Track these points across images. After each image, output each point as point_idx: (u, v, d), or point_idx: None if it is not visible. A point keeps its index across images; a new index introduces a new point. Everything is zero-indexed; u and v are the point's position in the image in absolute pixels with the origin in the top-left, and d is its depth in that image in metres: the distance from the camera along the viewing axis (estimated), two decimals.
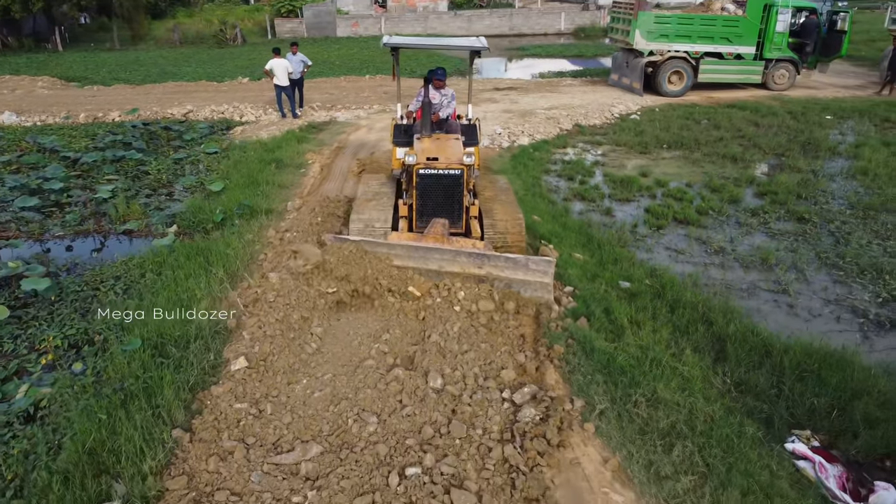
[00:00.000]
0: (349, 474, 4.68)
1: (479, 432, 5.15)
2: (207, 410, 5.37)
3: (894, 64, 19.81)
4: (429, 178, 7.71)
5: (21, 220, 10.30)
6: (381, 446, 4.95)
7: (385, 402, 5.47)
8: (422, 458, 4.83)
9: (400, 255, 7.05)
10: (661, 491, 4.60)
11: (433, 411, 5.36)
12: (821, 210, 10.72)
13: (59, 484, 4.55)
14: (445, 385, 5.67)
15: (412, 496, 4.48)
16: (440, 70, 9.29)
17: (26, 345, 6.77)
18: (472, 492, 4.52)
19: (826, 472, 5.05)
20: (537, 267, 6.86)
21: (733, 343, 6.62)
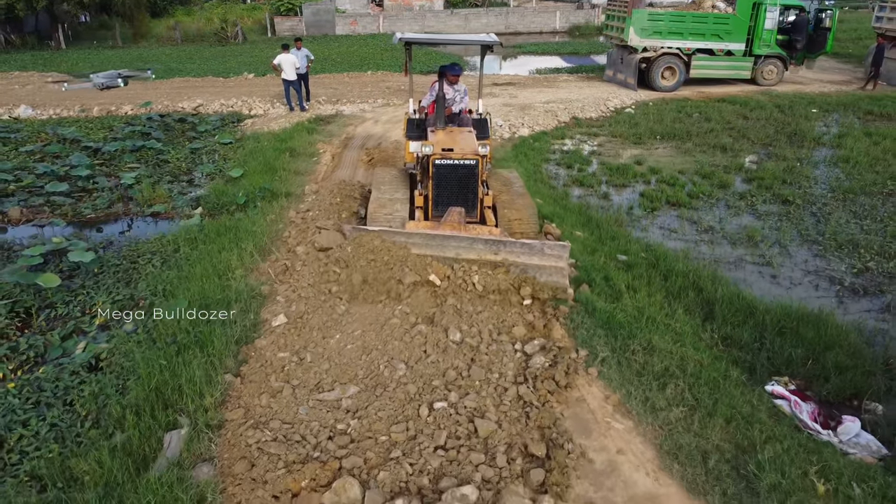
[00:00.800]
0: (384, 407, 5.36)
1: (496, 376, 5.83)
2: (254, 359, 6.05)
3: (878, 60, 20.59)
4: (445, 168, 7.90)
5: (53, 204, 10.93)
6: (410, 386, 5.63)
7: (411, 351, 6.15)
8: (447, 396, 5.51)
9: (418, 243, 7.17)
10: (656, 420, 5.29)
11: (454, 359, 6.04)
12: (804, 193, 11.46)
13: (132, 414, 5.22)
14: (464, 338, 6.35)
15: (440, 424, 5.17)
16: (455, 66, 9.42)
17: (78, 309, 7.43)
18: (492, 420, 5.21)
19: (800, 408, 5.77)
20: (552, 252, 6.98)
21: (720, 305, 7.34)
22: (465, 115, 9.71)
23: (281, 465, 4.71)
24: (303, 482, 4.55)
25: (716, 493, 4.53)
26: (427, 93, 9.81)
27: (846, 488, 4.53)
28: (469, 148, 8.08)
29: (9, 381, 6.03)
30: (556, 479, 4.63)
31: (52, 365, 6.30)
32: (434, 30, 39.72)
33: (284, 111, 17.76)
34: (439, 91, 8.91)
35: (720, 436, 5.08)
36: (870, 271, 8.59)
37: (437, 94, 8.92)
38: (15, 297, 7.52)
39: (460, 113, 9.63)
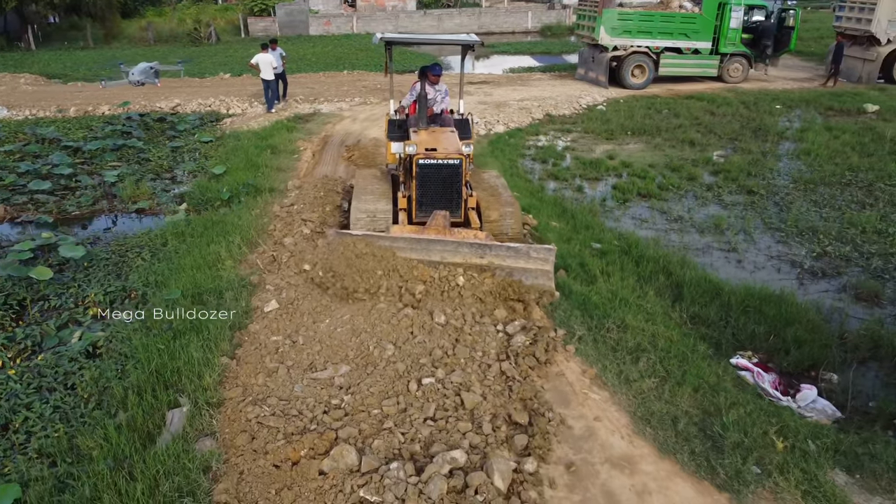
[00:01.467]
0: (376, 384, 5.68)
1: (480, 354, 6.18)
2: (248, 343, 6.33)
3: (837, 58, 21.35)
4: (428, 167, 7.80)
5: (37, 202, 11.05)
6: (399, 365, 5.95)
7: (399, 333, 6.47)
8: (434, 372, 5.84)
9: (402, 247, 7.07)
10: (629, 390, 5.68)
11: (440, 339, 6.37)
12: (768, 185, 12.00)
13: (134, 395, 5.48)
14: (448, 321, 6.68)
15: (429, 397, 5.50)
16: (436, 66, 9.39)
17: (71, 300, 7.62)
18: (477, 393, 5.55)
19: (762, 378, 6.21)
20: (538, 255, 6.94)
21: (689, 287, 7.78)
22: (447, 115, 9.63)
23: (280, 437, 5.00)
24: (302, 451, 4.84)
25: (685, 452, 4.92)
26: (408, 93, 9.71)
27: (802, 444, 4.95)
28: (452, 147, 8.03)
29: (9, 369, 6.23)
30: (539, 443, 4.98)
31: (51, 353, 6.51)
32: (408, 30, 39.97)
33: (262, 110, 17.93)
34: (421, 91, 8.88)
35: (688, 403, 5.48)
36: (828, 255, 9.10)
37: (419, 93, 8.90)
38: (8, 291, 7.69)
39: (441, 113, 9.58)
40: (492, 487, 4.50)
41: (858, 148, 14.03)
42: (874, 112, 17.62)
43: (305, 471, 4.65)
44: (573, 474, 4.76)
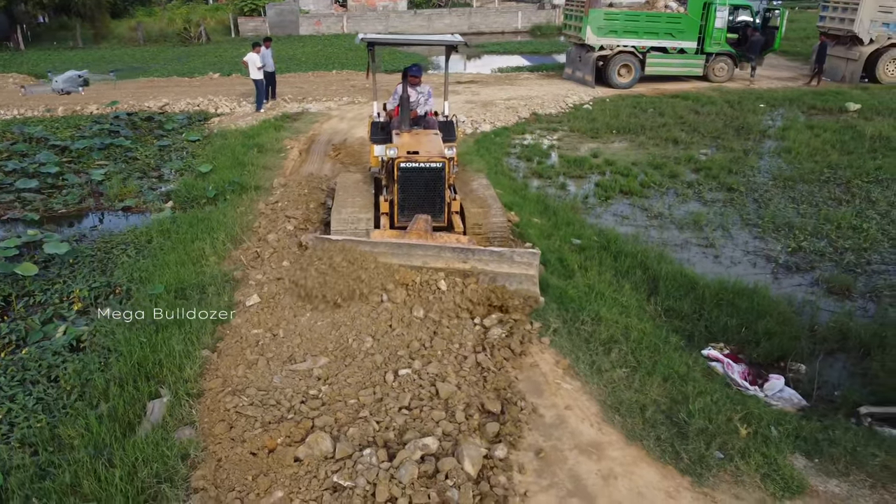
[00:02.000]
0: (353, 375, 5.80)
1: (457, 346, 6.31)
2: (229, 336, 6.45)
3: (821, 58, 21.60)
4: (410, 171, 7.71)
5: (23, 200, 11.12)
6: (377, 356, 6.08)
7: (377, 326, 6.58)
8: (411, 364, 5.97)
9: (384, 252, 6.93)
10: (601, 380, 5.83)
11: (418, 332, 6.49)
12: (748, 182, 12.19)
13: (116, 386, 5.59)
14: (427, 314, 6.80)
15: (405, 388, 5.63)
16: (415, 67, 9.27)
17: (56, 296, 7.72)
18: (452, 384, 5.68)
19: (732, 369, 6.37)
20: (522, 259, 6.80)
21: (664, 281, 7.94)
22: (431, 117, 9.54)
23: (258, 426, 5.12)
24: (278, 439, 4.97)
25: (651, 438, 5.07)
26: (391, 95, 9.62)
27: (765, 430, 5.10)
28: (435, 150, 7.93)
29: None
30: (510, 430, 5.13)
31: (35, 347, 6.61)
32: (398, 30, 40.08)
33: (251, 109, 18.01)
34: (403, 93, 8.75)
35: (657, 392, 5.63)
36: (803, 250, 9.28)
37: (402, 95, 8.77)
38: None
39: (426, 115, 9.48)
40: (462, 472, 4.63)
41: (839, 146, 14.25)
42: (855, 111, 17.85)
43: (281, 457, 4.77)
44: (542, 460, 4.90)
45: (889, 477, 4.65)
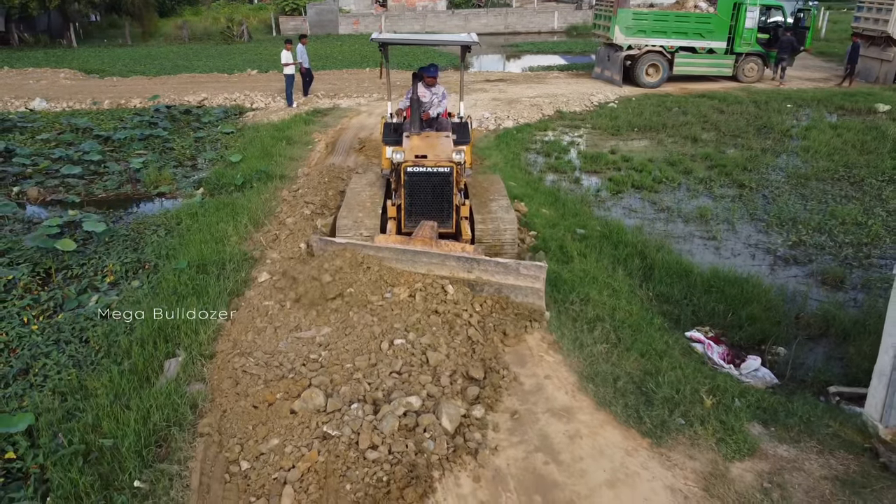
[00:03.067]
0: (352, 343, 6.30)
1: (452, 322, 6.76)
2: (243, 307, 7.02)
3: (853, 58, 21.42)
4: (417, 176, 7.59)
5: (67, 185, 11.94)
6: (375, 328, 6.55)
7: (380, 306, 7.07)
8: (406, 336, 6.44)
9: (388, 257, 6.91)
10: (581, 354, 6.22)
11: (417, 312, 6.96)
12: (760, 179, 12.36)
13: (138, 346, 6.20)
14: (427, 304, 7.24)
15: (398, 355, 6.11)
16: (432, 67, 9.14)
17: (92, 270, 8.41)
18: (442, 353, 6.14)
19: (712, 349, 6.69)
20: (528, 272, 6.64)
21: (659, 269, 8.27)
22: (445, 118, 9.36)
23: (260, 383, 5.66)
24: (278, 394, 5.50)
25: (619, 405, 5.46)
26: (404, 96, 9.50)
27: (728, 401, 5.44)
28: (444, 154, 7.74)
29: (33, 325, 7.01)
30: (489, 394, 5.57)
31: (70, 312, 7.28)
32: (435, 29, 40.66)
33: (285, 105, 18.73)
34: (413, 94, 8.63)
35: (632, 365, 6.01)
36: (803, 244, 9.49)
37: (412, 96, 8.63)
38: (36, 260, 8.51)
39: (438, 117, 9.30)
40: (440, 428, 5.10)
41: (859, 146, 14.27)
42: (885, 112, 17.73)
43: (279, 410, 5.30)
44: (516, 421, 5.33)
45: (837, 444, 4.96)
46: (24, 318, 7.13)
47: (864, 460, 4.80)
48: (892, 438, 4.92)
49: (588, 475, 4.74)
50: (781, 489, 4.53)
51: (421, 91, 9.00)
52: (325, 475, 4.72)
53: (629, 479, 4.69)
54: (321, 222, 8.98)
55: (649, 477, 4.72)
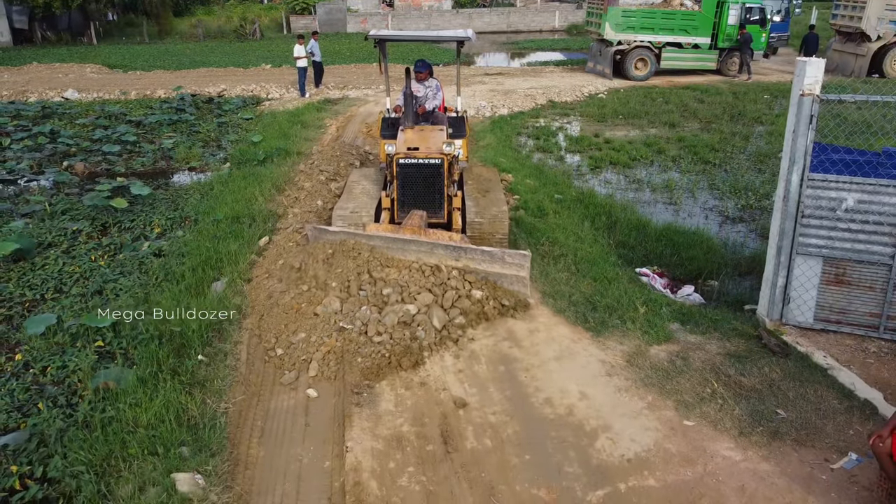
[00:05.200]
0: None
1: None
2: (272, 246, 8.55)
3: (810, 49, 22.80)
4: (409, 167, 7.81)
5: (109, 161, 13.52)
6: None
7: None
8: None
9: (378, 245, 7.14)
10: (546, 280, 7.70)
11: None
12: (725, 157, 13.83)
13: (190, 272, 7.73)
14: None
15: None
16: (419, 63, 9.51)
17: (141, 224, 9.95)
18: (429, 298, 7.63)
19: (656, 281, 8.17)
20: (513, 260, 6.86)
21: (621, 223, 9.75)
22: (440, 112, 9.60)
23: (288, 297, 7.18)
24: (302, 304, 7.01)
25: (570, 311, 6.94)
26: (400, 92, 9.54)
27: (657, 309, 6.93)
28: (435, 146, 8.01)
29: (99, 261, 8.56)
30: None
31: (128, 252, 8.82)
32: (439, 27, 42.18)
33: (298, 95, 20.29)
34: (406, 88, 8.79)
35: (586, 287, 7.50)
36: (751, 207, 10.95)
37: (405, 91, 8.82)
38: (94, 216, 10.07)
39: (434, 111, 9.57)
40: (430, 324, 6.59)
41: (822, 131, 15.65)
42: (854, 102, 19.08)
43: (304, 313, 6.81)
44: (489, 322, 6.82)
45: (734, 335, 6.43)
46: (91, 257, 8.67)
47: (751, 343, 6.28)
48: (773, 328, 6.40)
49: (541, 353, 6.24)
50: (684, 360, 6.01)
51: (414, 86, 9.36)
52: (342, 354, 6.23)
53: (571, 356, 6.19)
54: (334, 185, 10.51)
55: (587, 354, 6.22)
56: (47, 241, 9.16)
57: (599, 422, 5.27)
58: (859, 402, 5.32)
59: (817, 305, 6.26)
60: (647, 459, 4.83)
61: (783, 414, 5.22)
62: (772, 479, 4.59)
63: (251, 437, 5.22)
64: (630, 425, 5.21)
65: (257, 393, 5.77)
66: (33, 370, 6.17)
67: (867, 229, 5.88)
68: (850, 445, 4.84)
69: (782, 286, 6.35)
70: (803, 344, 6.14)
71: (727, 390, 5.53)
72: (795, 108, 6.03)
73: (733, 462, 4.78)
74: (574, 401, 5.55)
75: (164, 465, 4.70)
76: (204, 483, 4.59)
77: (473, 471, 4.79)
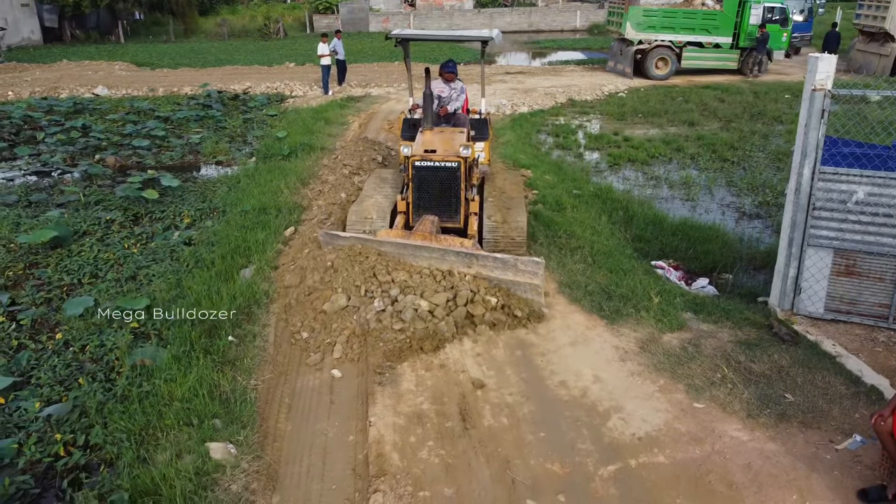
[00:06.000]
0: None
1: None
2: (297, 236, 8.85)
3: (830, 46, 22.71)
4: (425, 170, 7.65)
5: (139, 154, 13.93)
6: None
7: None
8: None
9: (390, 252, 7.01)
10: (563, 270, 7.91)
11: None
12: (743, 155, 13.92)
13: (219, 259, 8.05)
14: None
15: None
16: (450, 62, 9.40)
17: (171, 214, 10.31)
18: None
19: (671, 273, 8.35)
20: (526, 268, 6.64)
21: (638, 218, 9.92)
22: (462, 114, 9.49)
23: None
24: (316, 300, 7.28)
25: (586, 301, 7.15)
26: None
27: (671, 299, 7.11)
28: (452, 149, 7.80)
29: (132, 249, 8.91)
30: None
31: (160, 240, 9.17)
32: (460, 27, 42.41)
33: (321, 92, 20.64)
34: (426, 89, 8.54)
35: (601, 278, 7.70)
36: (768, 204, 11.07)
37: (424, 92, 8.58)
38: (126, 206, 10.44)
39: (456, 112, 9.46)
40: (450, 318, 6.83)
41: (841, 130, 15.67)
42: (876, 101, 19.05)
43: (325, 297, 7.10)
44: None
45: (746, 324, 6.60)
46: (125, 245, 9.03)
47: (762, 332, 6.45)
48: (784, 318, 6.57)
49: (556, 339, 6.46)
50: (696, 347, 6.20)
51: (440, 87, 9.34)
52: (364, 337, 6.48)
53: (586, 342, 6.41)
54: (357, 179, 10.80)
55: (601, 341, 6.43)
56: (82, 230, 9.54)
57: (612, 403, 5.48)
58: (866, 388, 5.48)
59: (828, 296, 6.41)
60: (657, 438, 5.04)
61: (791, 398, 5.39)
62: (777, 458, 4.78)
63: (279, 413, 5.50)
64: (641, 407, 5.41)
65: (284, 372, 6.05)
66: (73, 348, 6.51)
67: (877, 221, 6.03)
68: (855, 428, 5.01)
69: (794, 277, 6.51)
70: (813, 333, 6.30)
71: (737, 375, 5.72)
72: (807, 103, 6.19)
73: (740, 442, 4.96)
74: (588, 384, 5.76)
75: (198, 435, 4.99)
76: (236, 452, 4.88)
77: (490, 446, 5.02)
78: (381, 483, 4.63)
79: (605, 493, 4.56)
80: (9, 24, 34.14)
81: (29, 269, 8.40)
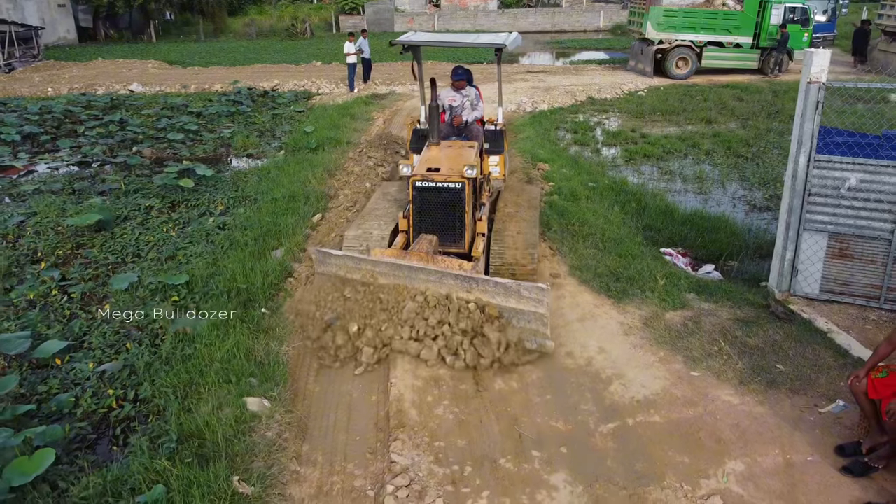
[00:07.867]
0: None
1: None
2: (324, 221, 9.40)
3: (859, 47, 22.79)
4: (426, 191, 7.00)
5: (174, 147, 14.61)
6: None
7: None
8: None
9: (385, 273, 6.42)
10: (574, 255, 8.35)
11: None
12: (758, 151, 14.22)
13: (252, 241, 8.62)
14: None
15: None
16: (459, 69, 8.77)
17: (206, 202, 10.92)
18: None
19: (679, 259, 8.75)
20: (530, 294, 5.92)
21: (650, 209, 10.32)
22: (477, 126, 8.79)
23: None
24: None
25: (595, 282, 7.59)
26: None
27: (676, 281, 7.53)
28: (457, 168, 7.08)
29: (171, 232, 9.52)
30: None
31: (196, 225, 9.77)
32: (484, 28, 42.90)
33: (347, 90, 21.25)
34: (431, 101, 7.88)
35: (611, 262, 8.12)
36: (779, 197, 11.35)
37: (430, 104, 7.85)
38: (164, 194, 11.08)
39: (470, 123, 8.80)
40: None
41: (857, 126, 15.89)
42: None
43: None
44: None
45: (746, 304, 7.00)
46: (163, 229, 9.65)
47: (760, 311, 6.84)
48: (782, 298, 6.96)
49: (565, 316, 6.92)
50: (696, 323, 6.62)
51: (450, 95, 8.81)
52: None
53: (593, 318, 6.86)
54: (381, 170, 11.32)
55: (607, 317, 6.87)
56: (124, 215, 10.18)
57: (614, 371, 5.93)
58: (853, 360, 5.87)
59: (823, 277, 6.79)
60: (654, 401, 5.48)
61: (781, 368, 5.80)
62: (764, 419, 5.20)
63: (308, 376, 6.03)
64: (641, 374, 5.86)
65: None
66: (120, 318, 7.10)
67: (868, 207, 6.40)
68: (839, 394, 5.41)
69: (791, 259, 6.90)
70: (808, 312, 6.69)
71: (733, 348, 6.13)
72: (803, 95, 6.60)
73: (731, 405, 5.39)
74: (593, 354, 6.22)
75: (236, 391, 5.53)
76: (269, 405, 5.41)
77: (500, 406, 5.50)
78: (400, 433, 5.14)
79: (604, 446, 5.02)
80: (46, 24, 35.32)
81: (76, 249, 9.04)
